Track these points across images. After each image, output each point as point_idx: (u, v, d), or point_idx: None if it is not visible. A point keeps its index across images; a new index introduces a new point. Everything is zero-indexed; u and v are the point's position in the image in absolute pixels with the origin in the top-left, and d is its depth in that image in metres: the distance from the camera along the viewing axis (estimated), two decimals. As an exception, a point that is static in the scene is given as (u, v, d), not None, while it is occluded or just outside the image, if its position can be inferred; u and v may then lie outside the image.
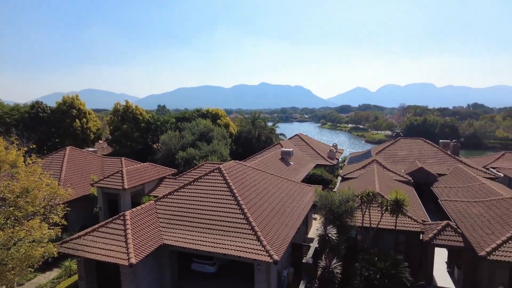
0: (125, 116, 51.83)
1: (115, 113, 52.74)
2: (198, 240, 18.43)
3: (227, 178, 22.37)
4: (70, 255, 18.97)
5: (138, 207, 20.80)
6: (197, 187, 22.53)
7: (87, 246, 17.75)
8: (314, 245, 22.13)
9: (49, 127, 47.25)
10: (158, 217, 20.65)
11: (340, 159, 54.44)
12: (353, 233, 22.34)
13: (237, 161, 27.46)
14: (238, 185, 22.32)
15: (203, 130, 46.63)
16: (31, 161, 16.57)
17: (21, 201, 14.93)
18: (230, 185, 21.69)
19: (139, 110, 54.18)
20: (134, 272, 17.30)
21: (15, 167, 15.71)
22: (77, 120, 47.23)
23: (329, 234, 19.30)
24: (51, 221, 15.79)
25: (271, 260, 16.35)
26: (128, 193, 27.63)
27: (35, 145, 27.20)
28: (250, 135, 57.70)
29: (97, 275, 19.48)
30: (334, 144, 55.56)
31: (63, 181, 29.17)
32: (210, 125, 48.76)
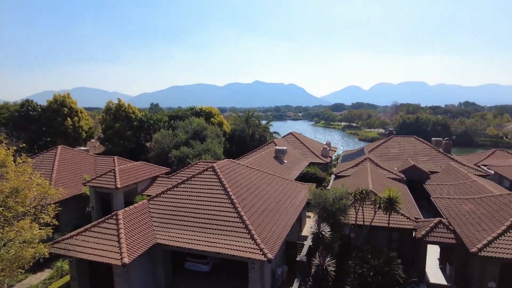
0: (118, 115, 51.39)
1: (108, 112, 52.28)
2: (191, 239, 18.36)
3: (220, 176, 22.30)
4: (62, 255, 18.79)
5: (131, 206, 20.69)
6: (191, 186, 22.42)
7: (79, 246, 17.61)
8: (308, 243, 22.18)
9: (40, 126, 46.61)
10: (151, 217, 20.54)
11: (333, 157, 54.67)
12: (346, 230, 22.45)
13: (230, 159, 27.40)
14: (232, 183, 22.26)
15: (196, 128, 46.42)
16: (21, 161, 16.30)
17: (10, 201, 14.68)
18: (224, 184, 21.62)
19: (132, 109, 53.75)
20: (127, 272, 17.19)
21: (4, 166, 15.44)
22: (68, 119, 46.66)
23: (323, 232, 19.38)
24: (42, 221, 15.55)
25: (265, 259, 16.35)
26: (121, 192, 27.44)
27: (25, 144, 26.79)
28: (244, 133, 57.60)
29: (90, 275, 19.32)
30: (328, 142, 55.76)
31: (54, 181, 28.84)
32: (203, 123, 48.56)
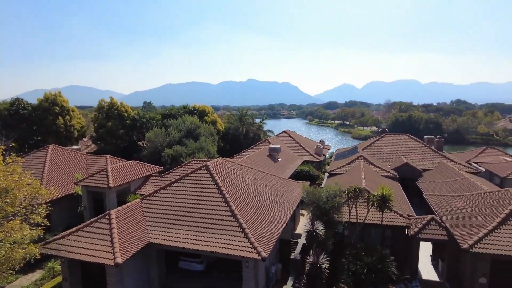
0: (110, 113, 50.84)
1: (100, 110, 51.69)
2: (185, 238, 18.27)
3: (214, 175, 22.22)
4: (53, 256, 18.56)
5: (124, 205, 20.51)
6: (184, 185, 22.30)
7: (71, 247, 17.40)
8: (302, 241, 22.25)
9: (30, 124, 45.92)
10: (144, 216, 20.39)
11: (327, 155, 54.86)
12: (340, 228, 22.55)
13: (224, 158, 27.32)
14: (226, 182, 22.20)
15: (190, 127, 46.17)
16: (10, 160, 16.03)
17: (-1, 201, 14.45)
18: (217, 183, 21.55)
19: (124, 107, 53.21)
20: (120, 272, 17.04)
21: (-7, 166, 15.17)
22: (60, 118, 46.03)
23: (317, 230, 19.43)
24: (32, 221, 15.34)
25: (259, 257, 16.34)
26: (113, 191, 27.19)
27: (15, 144, 26.34)
28: (238, 132, 57.47)
29: (82, 275, 19.11)
30: (321, 141, 55.94)
31: (45, 180, 28.47)
32: (197, 122, 48.32)
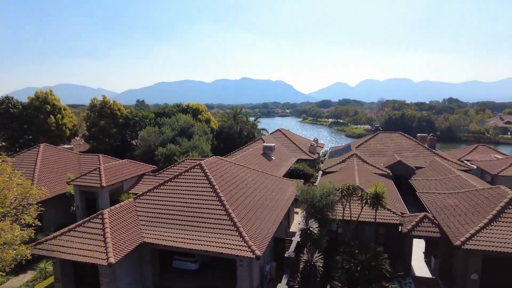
0: (103, 112, 50.31)
1: (92, 109, 51.12)
2: (179, 237, 18.18)
3: (208, 174, 22.13)
4: (45, 256, 18.32)
5: (117, 205, 20.34)
6: (178, 184, 22.18)
7: (63, 247, 17.19)
8: (296, 239, 22.29)
9: (21, 123, 45.24)
10: (138, 215, 20.24)
11: (321, 153, 55.06)
12: (334, 226, 22.63)
13: (218, 156, 27.23)
14: (220, 181, 22.12)
15: (183, 125, 45.90)
16: (0, 160, 15.77)
17: (-11, 202, 14.23)
18: (211, 181, 21.46)
19: (117, 106, 52.69)
20: (113, 272, 16.90)
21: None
22: (51, 116, 45.40)
23: (311, 228, 19.46)
24: (23, 222, 15.12)
25: (253, 256, 16.32)
26: (106, 191, 26.95)
27: (5, 143, 25.92)
28: (232, 130, 57.36)
29: (75, 276, 18.91)
30: (315, 139, 56.10)
31: (37, 180, 28.09)
32: (190, 120, 48.04)
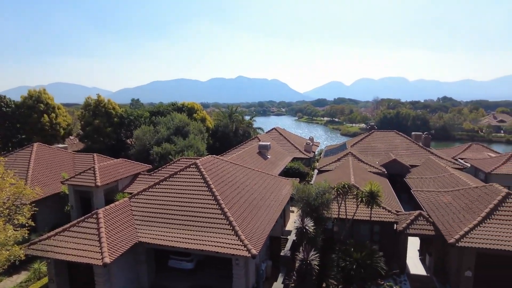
0: (97, 111, 49.94)
1: (86, 108, 50.72)
2: (175, 237, 18.12)
3: (204, 173, 22.06)
4: (39, 257, 18.16)
5: (112, 204, 20.23)
6: (173, 183, 22.09)
7: (57, 247, 17.06)
8: (291, 237, 22.31)
9: (14, 122, 44.80)
10: (133, 215, 20.14)
11: (316, 152, 55.19)
12: (329, 224, 22.70)
13: (214, 155, 27.16)
14: (215, 180, 22.07)
15: (178, 124, 45.70)
16: (-8, 160, 15.60)
17: (-19, 202, 14.06)
18: (207, 180, 21.40)
19: (112, 104, 52.33)
20: (108, 272, 16.81)
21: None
22: (45, 115, 45.00)
23: (307, 227, 19.48)
24: (16, 222, 14.96)
25: (249, 255, 16.32)
26: (101, 190, 26.79)
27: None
28: (227, 129, 57.24)
29: (69, 276, 18.77)
30: (311, 137, 56.24)
31: (30, 180, 27.83)
32: (186, 119, 47.85)
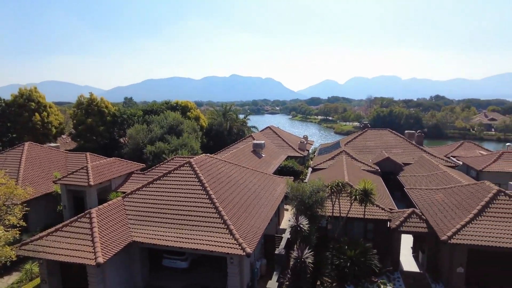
0: (90, 109, 49.45)
1: (79, 106, 50.20)
2: (169, 236, 18.04)
3: (198, 172, 21.99)
4: (31, 257, 17.93)
5: (105, 204, 20.07)
6: (167, 182, 21.98)
7: (49, 247, 16.89)
8: (286, 236, 22.35)
9: (4, 121, 44.19)
10: (126, 214, 20.00)
11: (310, 150, 55.35)
12: (323, 223, 22.78)
13: (208, 154, 27.08)
14: (210, 179, 22.01)
15: (172, 123, 45.48)
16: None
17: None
18: (201, 179, 21.34)
19: (105, 103, 51.86)
20: (102, 272, 16.67)
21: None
22: (36, 114, 44.44)
23: (301, 225, 19.53)
24: (7, 223, 14.76)
25: (243, 253, 16.32)
26: (94, 189, 26.57)
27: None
28: (221, 127, 57.13)
29: (62, 277, 18.58)
30: (305, 136, 56.35)
31: (21, 179, 27.48)
32: (179, 118, 47.64)
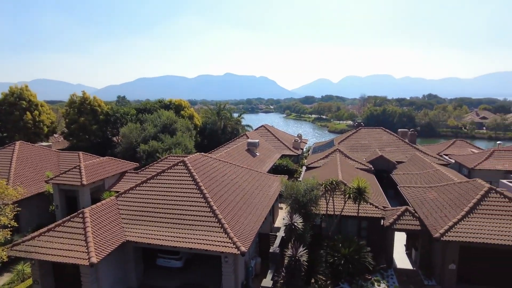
0: (82, 108, 48.98)
1: (71, 105, 49.69)
2: (163, 235, 17.97)
3: (192, 171, 21.92)
4: (23, 258, 17.74)
5: (99, 203, 19.96)
6: (161, 181, 21.88)
7: (42, 248, 16.72)
8: (280, 234, 22.40)
9: (-6, 120, 43.62)
10: (120, 214, 19.88)
11: (304, 149, 55.51)
12: (317, 221, 22.87)
13: (202, 153, 27.01)
14: (204, 177, 21.96)
15: (166, 122, 45.26)
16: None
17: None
18: (195, 178, 21.28)
19: (97, 102, 51.39)
20: (95, 272, 16.56)
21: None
22: (28, 113, 43.88)
23: (295, 223, 19.58)
24: (-2, 223, 14.57)
25: (238, 252, 16.33)
26: (87, 189, 26.35)
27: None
28: (216, 126, 57.00)
29: (55, 277, 18.41)
30: (299, 135, 56.49)
31: (12, 179, 27.14)
32: (173, 116, 47.42)
